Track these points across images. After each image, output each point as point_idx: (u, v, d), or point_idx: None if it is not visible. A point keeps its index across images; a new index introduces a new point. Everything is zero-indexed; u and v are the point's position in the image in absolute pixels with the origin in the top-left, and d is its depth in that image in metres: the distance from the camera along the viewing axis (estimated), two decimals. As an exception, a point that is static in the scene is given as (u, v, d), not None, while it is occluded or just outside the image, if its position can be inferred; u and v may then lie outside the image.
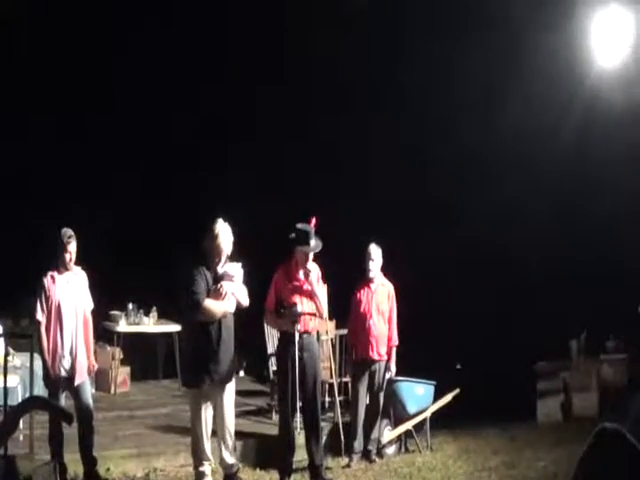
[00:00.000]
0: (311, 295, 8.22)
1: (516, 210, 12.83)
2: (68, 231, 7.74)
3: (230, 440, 7.85)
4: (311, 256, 8.21)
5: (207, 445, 7.68)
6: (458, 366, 13.69)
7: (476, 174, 13.02)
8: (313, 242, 8.14)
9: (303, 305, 8.14)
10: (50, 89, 13.57)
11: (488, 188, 12.80)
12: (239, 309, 7.83)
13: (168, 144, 14.37)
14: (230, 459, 7.88)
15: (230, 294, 7.60)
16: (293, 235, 8.17)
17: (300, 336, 8.07)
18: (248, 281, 7.83)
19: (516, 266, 12.64)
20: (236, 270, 7.69)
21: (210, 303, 7.52)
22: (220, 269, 7.64)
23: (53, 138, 13.60)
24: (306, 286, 8.21)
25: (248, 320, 7.95)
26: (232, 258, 7.75)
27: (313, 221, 8.24)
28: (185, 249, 12.98)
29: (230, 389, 7.80)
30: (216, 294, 7.55)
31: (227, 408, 7.76)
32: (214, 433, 7.84)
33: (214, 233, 7.56)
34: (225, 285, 7.56)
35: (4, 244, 12.63)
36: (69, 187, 13.55)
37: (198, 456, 7.69)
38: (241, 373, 12.67)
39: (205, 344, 7.58)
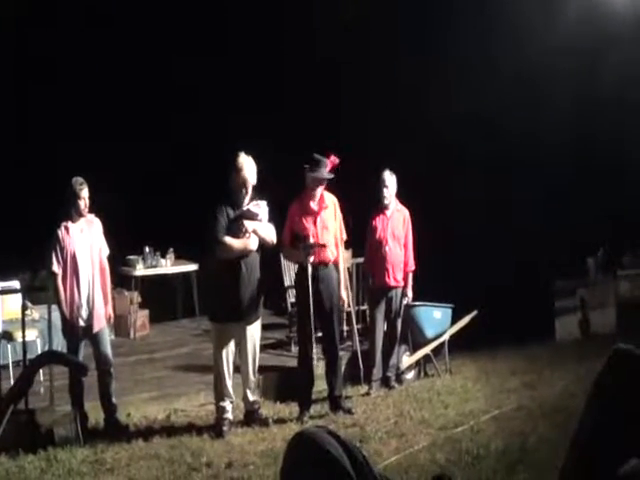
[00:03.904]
0: (326, 226, 8.23)
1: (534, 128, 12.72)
2: (79, 179, 7.79)
3: (253, 378, 7.95)
4: (321, 187, 8.19)
5: (229, 381, 7.77)
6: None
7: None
8: (325, 171, 8.13)
9: (318, 236, 8.15)
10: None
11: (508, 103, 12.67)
12: (265, 247, 7.86)
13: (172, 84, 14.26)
14: (252, 396, 7.98)
15: (251, 232, 7.64)
16: (307, 165, 8.19)
17: (316, 268, 8.12)
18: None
19: (529, 186, 12.54)
20: (261, 208, 7.72)
21: (229, 240, 7.59)
22: (244, 206, 7.67)
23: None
24: (320, 217, 8.21)
25: (264, 253, 7.92)
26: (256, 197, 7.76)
27: (331, 158, 8.20)
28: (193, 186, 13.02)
29: (254, 328, 7.88)
30: (236, 231, 7.60)
31: (251, 347, 7.84)
32: (237, 370, 7.93)
33: (238, 166, 7.60)
34: (246, 223, 7.61)
35: (20, 198, 12.61)
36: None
37: (219, 391, 7.79)
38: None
39: (226, 281, 7.66)
